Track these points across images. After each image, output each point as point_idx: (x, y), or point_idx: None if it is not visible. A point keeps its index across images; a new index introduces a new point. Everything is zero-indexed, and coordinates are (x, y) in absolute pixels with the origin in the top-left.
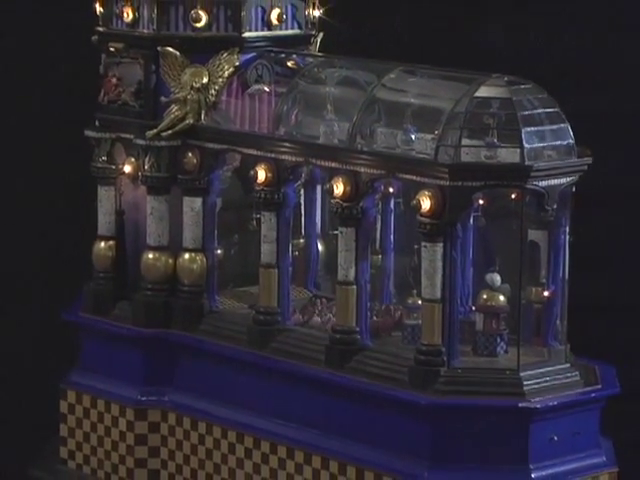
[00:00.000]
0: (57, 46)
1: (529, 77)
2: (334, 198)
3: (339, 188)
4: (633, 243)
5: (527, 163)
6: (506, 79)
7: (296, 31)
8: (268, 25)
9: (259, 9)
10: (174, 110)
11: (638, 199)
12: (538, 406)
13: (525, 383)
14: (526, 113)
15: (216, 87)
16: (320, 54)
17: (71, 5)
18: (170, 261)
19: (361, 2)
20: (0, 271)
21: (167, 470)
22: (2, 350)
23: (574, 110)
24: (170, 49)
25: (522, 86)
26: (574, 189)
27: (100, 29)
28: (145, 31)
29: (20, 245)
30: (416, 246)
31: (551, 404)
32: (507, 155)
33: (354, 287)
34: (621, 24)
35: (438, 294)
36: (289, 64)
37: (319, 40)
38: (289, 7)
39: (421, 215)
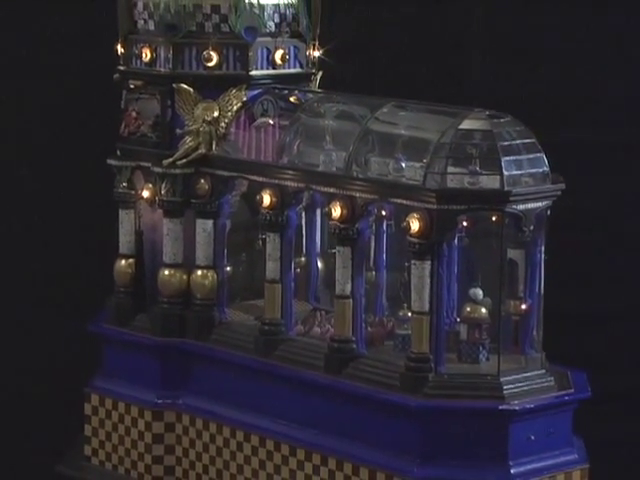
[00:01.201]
0: (82, 84)
1: (508, 111)
2: (332, 220)
3: (337, 211)
4: (601, 260)
5: (506, 189)
6: (487, 113)
7: (298, 70)
8: (273, 64)
9: (264, 50)
10: (188, 141)
11: (604, 221)
12: (516, 408)
13: (505, 387)
14: (505, 144)
15: (226, 120)
16: (319, 90)
17: (93, 46)
18: (184, 277)
19: (357, 45)
20: (32, 287)
21: (181, 466)
22: (33, 358)
23: (548, 141)
24: (184, 86)
25: (501, 119)
26: (549, 212)
27: (121, 68)
28: (162, 70)
29: (50, 263)
30: (406, 264)
31: (528, 406)
32: (488, 181)
33: (350, 301)
34: (588, 60)
35: (426, 307)
36: (291, 99)
37: (319, 78)
38: (292, 48)
39: (411, 236)
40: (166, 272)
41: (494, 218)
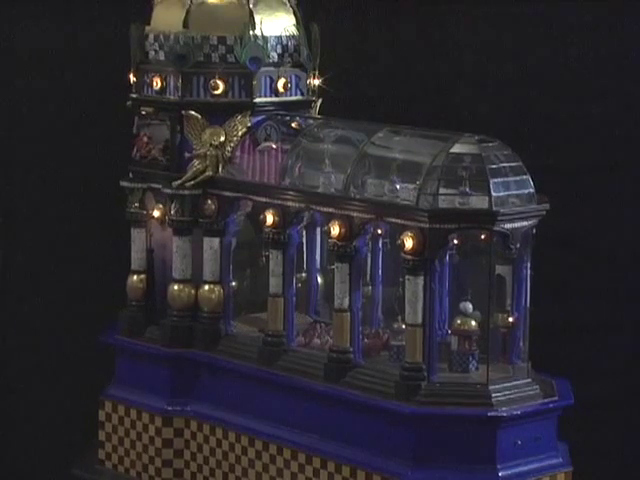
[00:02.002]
0: (97, 110)
1: (496, 136)
2: (331, 238)
3: (335, 230)
4: (582, 277)
5: (494, 209)
6: (476, 138)
7: (299, 97)
8: (275, 92)
9: (268, 79)
10: (196, 164)
11: (586, 239)
12: (504, 415)
13: (493, 395)
14: (493, 166)
15: (231, 144)
16: (319, 116)
17: (107, 76)
18: (192, 292)
19: (353, 74)
20: (51, 300)
21: (189, 469)
22: (51, 367)
23: (534, 164)
24: (193, 112)
25: (490, 144)
26: (534, 231)
27: (133, 96)
28: (171, 97)
29: (68, 278)
30: (401, 279)
31: (515, 413)
32: (477, 202)
33: (348, 314)
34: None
35: (419, 319)
36: (293, 125)
37: (318, 105)
38: (293, 77)
39: (405, 253)
40: (175, 287)
41: (483, 236)
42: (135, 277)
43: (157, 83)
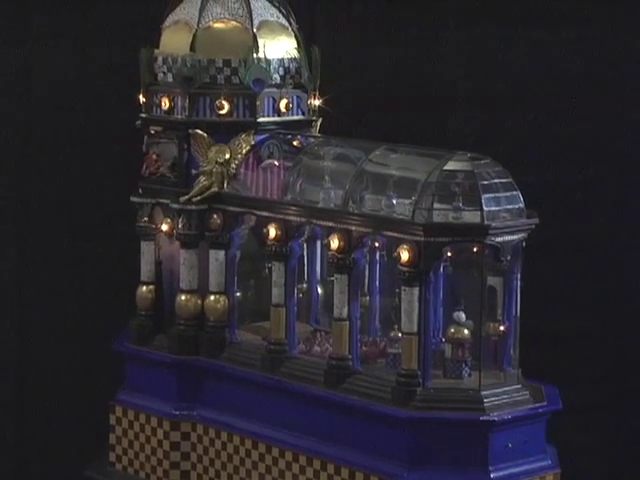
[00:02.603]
0: (108, 129)
1: (487, 153)
2: (331, 251)
3: (335, 243)
4: (569, 287)
5: (486, 223)
6: (469, 155)
7: (300, 117)
8: (278, 112)
9: (270, 99)
10: (202, 180)
11: (573, 251)
12: (496, 419)
13: (485, 400)
14: (485, 183)
15: (236, 162)
16: (319, 135)
17: (118, 97)
18: (199, 302)
19: (351, 95)
20: (65, 310)
21: (196, 471)
22: (65, 374)
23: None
24: (199, 131)
25: (482, 161)
26: (524, 244)
27: (143, 115)
28: (179, 117)
29: (81, 289)
30: (397, 290)
31: (506, 417)
32: (470, 216)
33: (347, 323)
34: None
35: (415, 328)
36: (294, 143)
37: (319, 124)
38: (294, 98)
39: (401, 265)
40: (182, 297)
41: (475, 249)
42: (144, 288)
43: (165, 103)
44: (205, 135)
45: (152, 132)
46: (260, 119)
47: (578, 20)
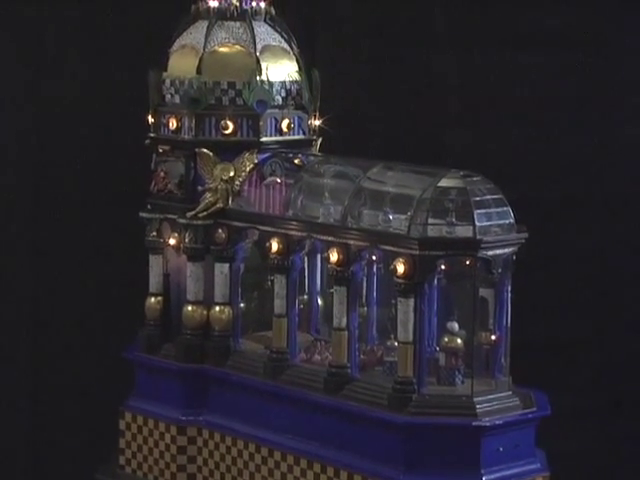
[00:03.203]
0: (119, 147)
1: (479, 171)
2: (330, 264)
3: (334, 256)
4: (557, 299)
5: (478, 237)
6: (461, 173)
7: (301, 136)
8: (280, 132)
9: (273, 119)
10: (208, 197)
11: (558, 265)
12: (487, 424)
13: (477, 406)
14: (477, 199)
15: (240, 179)
16: (319, 154)
17: (129, 118)
18: (204, 312)
19: (349, 117)
20: (78, 320)
21: (202, 474)
22: (77, 381)
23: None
24: (205, 150)
25: (474, 178)
26: (514, 257)
27: (151, 135)
28: (186, 136)
29: (93, 300)
30: (393, 301)
31: (497, 423)
32: (463, 231)
33: (346, 332)
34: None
35: (410, 337)
36: (296, 161)
37: (319, 143)
38: (296, 118)
39: (397, 277)
40: (189, 308)
41: (468, 262)
42: (153, 299)
43: (173, 124)
44: (211, 154)
45: (160, 151)
46: (263, 139)
47: (563, 43)
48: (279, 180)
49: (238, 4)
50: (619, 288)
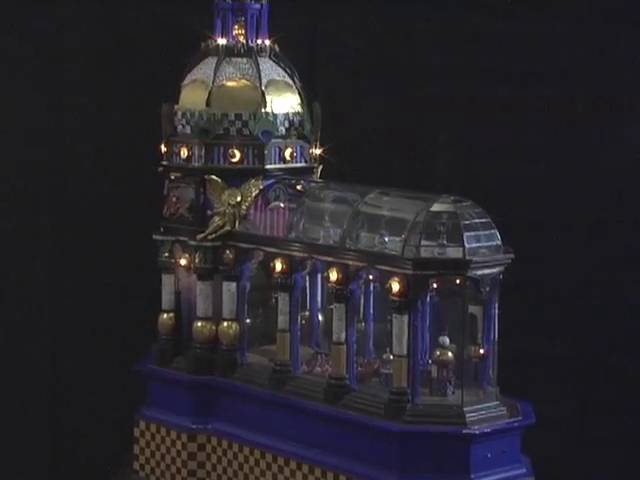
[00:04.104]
0: (134, 175)
1: (467, 197)
2: (330, 283)
3: (334, 276)
4: (541, 316)
5: (467, 258)
6: (452, 198)
7: (303, 164)
8: (283, 160)
9: (277, 149)
10: (216, 220)
11: (545, 284)
12: (476, 432)
13: (467, 415)
14: (467, 222)
15: (246, 204)
16: (320, 180)
17: (143, 147)
18: (213, 327)
19: (348, 146)
20: (96, 337)
21: (210, 478)
22: (94, 392)
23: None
24: (214, 177)
25: (463, 203)
26: (501, 276)
27: (164, 163)
28: (196, 164)
29: (110, 317)
30: (388, 317)
31: (486, 431)
32: (453, 252)
33: (345, 346)
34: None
35: (404, 351)
36: (298, 187)
37: (319, 170)
38: (298, 147)
39: (392, 295)
40: (199, 323)
41: (458, 281)
42: (165, 315)
43: (184, 152)
44: (219, 180)
45: (172, 178)
46: (268, 166)
47: (540, 77)
48: (282, 205)
49: (245, 42)
50: (599, 307)
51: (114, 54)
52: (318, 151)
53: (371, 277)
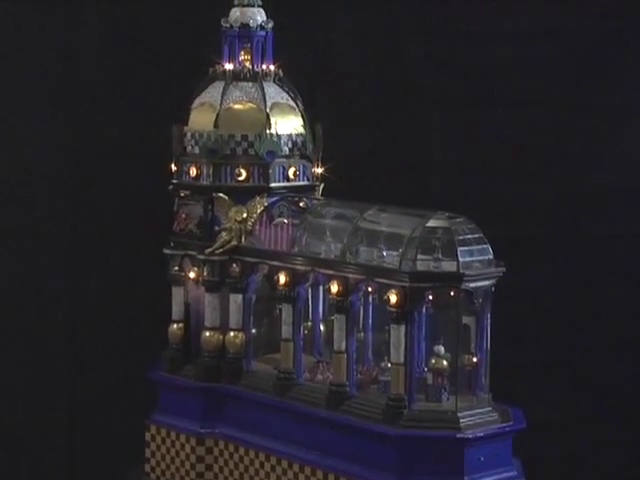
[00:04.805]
0: (145, 192)
1: (461, 213)
2: (331, 295)
3: (335, 288)
4: (531, 326)
5: (461, 271)
6: (447, 215)
7: (305, 182)
8: (287, 179)
9: (281, 168)
10: (223, 235)
11: (534, 296)
12: (470, 436)
13: (461, 420)
14: (460, 237)
15: (252, 220)
16: (321, 198)
17: (154, 166)
18: (220, 337)
19: (348, 165)
20: (110, 347)
21: None
22: (108, 398)
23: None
24: (221, 195)
25: (457, 219)
26: (493, 288)
27: (174, 181)
28: (204, 183)
29: (123, 329)
30: (386, 327)
31: (479, 435)
32: (448, 266)
33: (345, 355)
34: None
35: (402, 359)
36: (301, 204)
37: (321, 188)
38: (301, 166)
39: (390, 306)
40: (207, 333)
41: (452, 293)
42: (175, 325)
43: (193, 172)
44: (226, 198)
45: (182, 195)
46: (272, 184)
47: (532, 103)
48: (286, 221)
49: (250, 67)
50: (584, 319)
51: (129, 78)
52: (320, 170)
53: (370, 289)
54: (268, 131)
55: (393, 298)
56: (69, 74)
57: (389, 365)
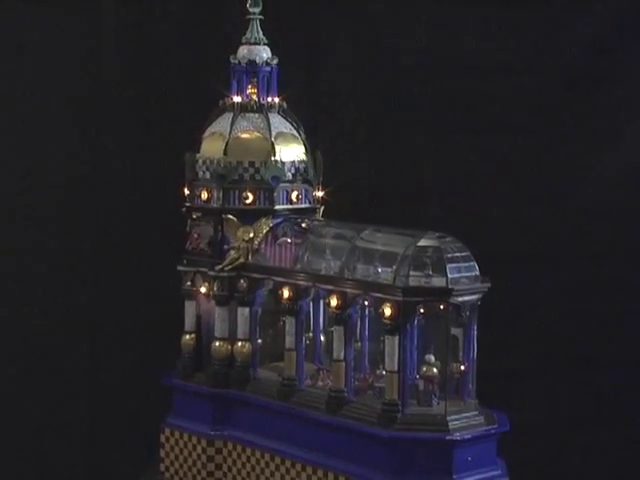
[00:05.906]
0: (160, 214)
1: (450, 234)
2: (331, 308)
3: (334, 302)
4: (514, 336)
5: (450, 286)
6: (436, 235)
7: (307, 205)
8: (290, 201)
9: (285, 192)
10: (232, 254)
11: (517, 309)
12: (458, 438)
13: (450, 424)
14: (449, 255)
15: (258, 239)
16: (322, 219)
17: (169, 190)
18: (229, 347)
19: (346, 189)
20: (128, 357)
21: (227, 479)
22: (126, 403)
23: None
24: (230, 216)
25: (446, 239)
26: (479, 302)
27: (187, 204)
28: (215, 205)
29: (141, 340)
30: (381, 337)
31: (466, 437)
32: (437, 281)
33: (343, 363)
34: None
35: (396, 367)
36: (303, 225)
37: (321, 210)
38: (303, 190)
39: (385, 318)
40: (217, 343)
41: (442, 306)
42: (187, 336)
43: (204, 195)
44: (235, 219)
45: (194, 217)
46: (277, 207)
47: (522, 131)
48: (289, 240)
49: (257, 99)
50: (566, 330)
51: (147, 111)
52: (320, 194)
53: (366, 303)
54: (273, 158)
55: (387, 311)
56: (88, 105)
57: (384, 372)
